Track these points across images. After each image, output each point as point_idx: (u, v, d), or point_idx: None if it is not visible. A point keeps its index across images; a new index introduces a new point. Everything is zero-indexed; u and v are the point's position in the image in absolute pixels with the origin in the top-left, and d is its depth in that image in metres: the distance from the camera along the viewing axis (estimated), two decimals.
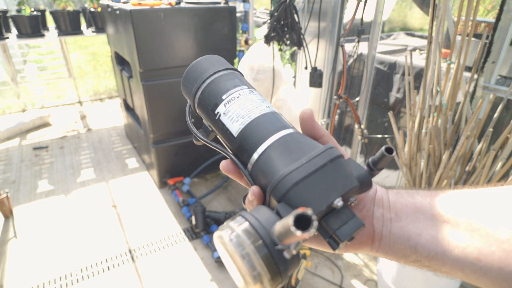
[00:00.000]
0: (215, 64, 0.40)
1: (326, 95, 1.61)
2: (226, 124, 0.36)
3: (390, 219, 0.32)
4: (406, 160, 1.27)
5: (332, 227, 0.29)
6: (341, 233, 0.29)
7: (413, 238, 0.31)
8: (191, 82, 0.40)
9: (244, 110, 0.35)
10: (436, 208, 0.31)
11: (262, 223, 0.27)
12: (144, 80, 1.94)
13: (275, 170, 0.31)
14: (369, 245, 0.33)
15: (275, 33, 1.45)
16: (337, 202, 0.29)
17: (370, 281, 1.61)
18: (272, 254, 0.26)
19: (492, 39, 1.13)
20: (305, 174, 0.29)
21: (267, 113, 0.35)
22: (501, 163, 1.06)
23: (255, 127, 0.34)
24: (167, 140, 2.20)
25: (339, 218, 0.30)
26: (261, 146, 0.33)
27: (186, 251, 1.78)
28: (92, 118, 3.46)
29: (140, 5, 1.78)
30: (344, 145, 2.18)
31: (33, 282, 1.59)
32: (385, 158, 0.31)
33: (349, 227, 0.29)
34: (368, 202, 0.34)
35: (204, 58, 0.41)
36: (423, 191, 0.33)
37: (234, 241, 0.27)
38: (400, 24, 3.77)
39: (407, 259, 0.32)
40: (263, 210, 0.29)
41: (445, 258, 0.29)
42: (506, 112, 1.23)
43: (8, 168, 2.52)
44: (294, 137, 0.33)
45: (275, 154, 0.32)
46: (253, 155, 0.33)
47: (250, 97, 0.36)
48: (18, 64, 3.70)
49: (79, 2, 4.33)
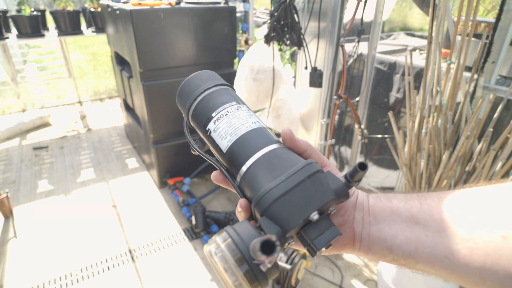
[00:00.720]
0: (206, 81, 0.42)
1: (326, 95, 1.61)
2: (216, 141, 0.39)
3: (369, 222, 0.35)
4: (406, 160, 1.27)
5: (310, 237, 0.33)
6: (318, 243, 0.32)
7: (389, 240, 0.33)
8: (184, 99, 0.43)
9: (231, 127, 0.38)
10: (409, 211, 0.34)
11: (243, 239, 0.31)
12: (144, 80, 1.94)
13: (259, 186, 0.34)
14: (350, 247, 0.36)
15: (275, 33, 1.45)
16: (313, 215, 0.32)
17: (370, 281, 1.61)
18: (251, 267, 0.30)
19: (492, 39, 1.13)
20: (284, 191, 0.32)
21: (253, 129, 0.38)
22: (501, 163, 1.06)
23: (242, 144, 0.37)
24: (167, 140, 2.20)
25: (316, 229, 0.33)
26: (247, 162, 0.36)
27: (186, 251, 1.78)
28: (92, 118, 3.46)
29: (140, 5, 1.78)
30: (344, 145, 2.18)
31: (33, 282, 1.59)
32: (358, 173, 0.33)
33: (325, 236, 0.32)
34: (349, 207, 0.37)
35: (196, 74, 0.44)
36: (400, 195, 0.36)
37: (219, 255, 0.31)
38: (400, 24, 3.77)
39: (385, 258, 0.34)
40: (245, 225, 0.32)
41: (417, 257, 0.32)
42: (506, 112, 1.23)
43: (8, 168, 2.52)
44: (277, 153, 0.36)
45: (259, 170, 0.35)
46: (240, 170, 0.36)
47: (237, 114, 0.39)
48: (18, 64, 3.70)
49: (79, 2, 4.33)
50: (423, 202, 0.34)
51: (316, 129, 1.70)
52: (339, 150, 2.18)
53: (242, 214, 0.36)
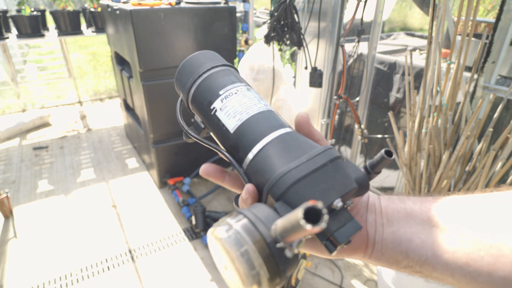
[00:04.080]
0: (212, 59, 0.39)
1: (326, 95, 1.61)
2: (222, 120, 0.35)
3: (382, 224, 0.33)
4: (406, 160, 1.27)
5: (330, 228, 0.29)
6: (340, 235, 0.29)
7: (404, 243, 0.31)
8: (185, 76, 0.39)
9: (242, 106, 0.34)
10: (426, 213, 0.31)
11: (262, 220, 0.26)
12: (144, 80, 1.94)
13: (274, 168, 0.30)
14: (362, 251, 0.33)
15: (275, 33, 1.45)
16: (336, 202, 0.29)
17: (370, 281, 1.61)
18: (273, 252, 0.25)
19: (492, 39, 1.13)
20: (305, 172, 0.29)
21: (265, 111, 0.35)
22: (501, 163, 1.06)
23: (253, 124, 0.33)
24: (167, 140, 2.20)
25: (337, 220, 0.29)
26: (259, 143, 0.32)
27: (186, 251, 1.78)
28: (92, 118, 3.46)
29: (140, 5, 1.78)
30: (344, 145, 2.18)
31: (33, 282, 1.59)
32: (384, 161, 0.30)
33: (347, 229, 0.29)
34: (361, 207, 0.34)
35: (201, 52, 0.40)
36: (414, 197, 0.34)
37: (233, 237, 0.25)
38: (400, 24, 3.77)
39: (398, 264, 0.32)
40: (261, 207, 0.28)
41: (435, 263, 0.29)
42: (506, 112, 1.23)
43: (8, 168, 2.52)
44: (293, 136, 0.33)
45: (274, 152, 0.31)
46: (250, 153, 0.32)
47: (248, 94, 0.36)
48: (18, 64, 3.70)
49: (79, 2, 4.32)
50: (440, 204, 0.31)
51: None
52: (339, 150, 2.18)
53: (248, 201, 0.31)
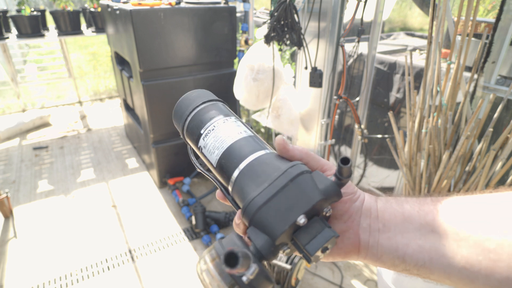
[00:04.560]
0: (195, 100, 0.43)
1: (326, 95, 1.61)
2: (207, 157, 0.39)
3: (377, 229, 0.33)
4: (406, 160, 1.27)
5: (302, 242, 0.31)
6: (310, 247, 0.31)
7: (401, 249, 0.31)
8: (178, 122, 0.44)
9: (218, 141, 0.38)
10: (424, 218, 0.31)
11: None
12: (144, 80, 1.94)
13: (245, 196, 0.34)
14: (355, 254, 0.34)
15: (275, 33, 1.45)
16: (299, 219, 0.30)
17: (370, 281, 1.61)
18: (235, 280, 0.29)
19: (492, 39, 1.13)
20: (267, 197, 0.32)
21: (239, 140, 0.38)
22: (501, 163, 1.06)
23: (228, 156, 0.37)
24: (167, 140, 2.20)
25: (307, 233, 0.31)
26: (233, 174, 0.36)
27: (186, 251, 1.77)
28: (92, 118, 3.46)
29: (140, 5, 1.78)
30: (344, 145, 2.18)
31: (33, 282, 1.59)
32: (343, 169, 0.32)
33: (318, 240, 0.31)
34: (353, 212, 0.34)
35: (186, 95, 0.45)
36: (412, 200, 0.34)
37: (206, 273, 0.31)
38: (400, 24, 3.77)
39: (396, 268, 0.32)
40: (231, 238, 0.32)
41: (432, 267, 0.30)
42: (506, 112, 1.23)
43: (8, 168, 2.52)
44: (262, 159, 0.36)
45: (245, 180, 0.35)
46: (230, 182, 0.36)
47: (223, 126, 0.39)
48: (18, 64, 3.70)
49: (79, 2, 4.32)
50: (439, 208, 0.32)
51: (316, 129, 1.70)
52: (339, 150, 2.18)
53: (241, 226, 0.35)
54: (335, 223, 0.34)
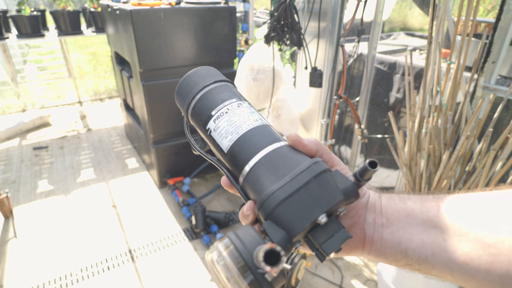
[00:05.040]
0: (205, 77, 0.40)
1: (326, 95, 1.61)
2: (217, 140, 0.37)
3: (381, 224, 0.34)
4: (406, 160, 1.27)
5: (318, 241, 0.30)
6: (327, 247, 0.30)
7: (404, 243, 0.32)
8: (182, 98, 0.41)
9: (232, 126, 0.36)
10: (426, 213, 0.32)
11: (246, 246, 0.28)
12: (144, 80, 1.94)
13: (262, 188, 0.32)
14: (360, 249, 0.35)
15: (275, 33, 1.45)
16: (321, 218, 0.30)
17: (370, 281, 1.61)
18: (256, 276, 0.27)
19: (492, 39, 1.13)
20: (289, 193, 0.30)
21: (255, 128, 0.36)
22: (501, 163, 1.06)
23: (243, 143, 0.35)
24: (167, 140, 2.20)
25: (325, 232, 0.31)
26: (249, 163, 0.34)
27: (186, 251, 1.77)
28: (92, 118, 3.46)
29: (140, 5, 1.78)
30: (344, 145, 2.18)
31: (33, 282, 1.59)
32: (368, 171, 0.31)
33: (334, 240, 0.30)
34: (360, 208, 0.35)
35: (194, 71, 0.41)
36: (414, 197, 0.35)
37: (221, 263, 0.29)
38: (400, 24, 3.77)
39: (398, 262, 0.33)
40: (248, 230, 0.30)
41: (434, 262, 0.30)
42: (506, 112, 1.23)
43: (8, 168, 2.52)
44: (281, 152, 0.34)
45: (262, 171, 0.33)
46: (243, 171, 0.34)
47: (238, 111, 0.37)
48: (18, 64, 3.70)
49: (79, 2, 4.33)
50: (440, 204, 0.32)
51: (316, 129, 1.70)
52: (339, 150, 2.18)
53: (250, 217, 0.33)
54: (343, 218, 0.35)
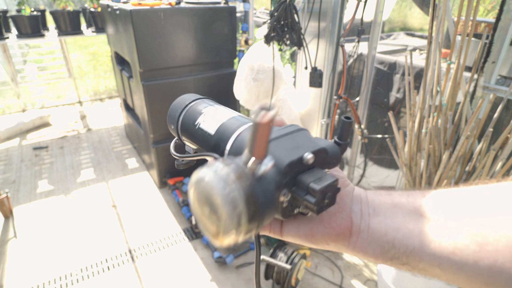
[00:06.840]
0: (187, 99, 0.49)
1: (326, 95, 1.61)
2: (205, 128, 0.42)
3: (368, 214, 0.33)
4: (406, 160, 1.27)
5: (306, 180, 0.30)
6: (315, 184, 0.30)
7: (391, 233, 0.31)
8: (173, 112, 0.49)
9: (218, 115, 0.43)
10: (413, 204, 0.32)
11: (235, 160, 0.28)
12: (144, 80, 1.94)
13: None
14: (346, 238, 0.33)
15: (275, 33, 1.45)
16: (306, 155, 0.31)
17: (370, 281, 1.61)
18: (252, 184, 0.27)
19: (492, 39, 1.13)
20: (275, 136, 0.33)
21: (237, 116, 0.43)
22: (501, 163, 1.06)
23: (229, 123, 0.40)
24: (167, 140, 2.20)
25: (312, 174, 0.31)
26: (235, 133, 0.38)
27: (186, 251, 1.78)
28: (92, 118, 3.46)
29: (140, 5, 1.78)
30: None
31: (33, 282, 1.59)
32: (345, 125, 0.34)
33: (322, 180, 0.30)
34: (345, 195, 0.35)
35: (180, 98, 0.50)
36: (400, 191, 0.35)
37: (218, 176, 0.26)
38: (400, 24, 3.77)
39: (385, 255, 0.32)
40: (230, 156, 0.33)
41: (422, 253, 0.29)
42: (506, 112, 1.23)
43: (8, 168, 2.52)
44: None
45: (247, 135, 0.37)
46: (229, 140, 0.38)
47: (221, 108, 0.45)
48: (18, 64, 3.70)
49: (79, 2, 4.32)
50: (427, 196, 0.32)
51: (316, 129, 1.70)
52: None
53: None
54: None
